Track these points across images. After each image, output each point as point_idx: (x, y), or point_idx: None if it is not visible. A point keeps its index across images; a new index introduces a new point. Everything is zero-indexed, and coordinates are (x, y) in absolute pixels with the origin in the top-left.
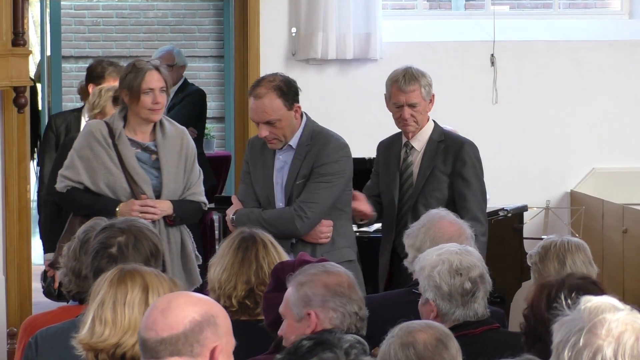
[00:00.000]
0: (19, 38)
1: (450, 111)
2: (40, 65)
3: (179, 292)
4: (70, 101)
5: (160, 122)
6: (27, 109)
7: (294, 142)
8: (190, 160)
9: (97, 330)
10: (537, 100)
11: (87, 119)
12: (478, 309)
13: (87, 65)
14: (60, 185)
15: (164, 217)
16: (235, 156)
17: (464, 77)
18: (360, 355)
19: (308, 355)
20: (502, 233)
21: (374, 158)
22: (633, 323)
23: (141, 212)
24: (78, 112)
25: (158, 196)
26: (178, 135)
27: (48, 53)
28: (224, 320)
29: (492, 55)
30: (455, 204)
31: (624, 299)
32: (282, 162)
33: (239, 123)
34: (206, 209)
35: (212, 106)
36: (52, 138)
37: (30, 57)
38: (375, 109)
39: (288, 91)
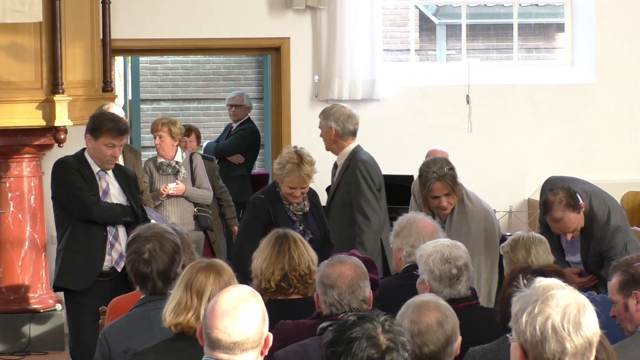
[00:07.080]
0: (107, 85)
1: (435, 138)
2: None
3: (239, 292)
4: (147, 133)
5: None
6: None
7: None
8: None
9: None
10: (503, 129)
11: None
12: (461, 289)
13: (160, 106)
14: None
15: None
16: (272, 173)
17: (446, 112)
18: (393, 325)
19: (353, 326)
20: None
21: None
22: (576, 298)
23: None
24: None
25: None
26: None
27: (129, 97)
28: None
29: (468, 95)
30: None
31: None
32: None
33: (275, 149)
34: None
35: None
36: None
37: (116, 100)
38: (378, 140)
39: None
